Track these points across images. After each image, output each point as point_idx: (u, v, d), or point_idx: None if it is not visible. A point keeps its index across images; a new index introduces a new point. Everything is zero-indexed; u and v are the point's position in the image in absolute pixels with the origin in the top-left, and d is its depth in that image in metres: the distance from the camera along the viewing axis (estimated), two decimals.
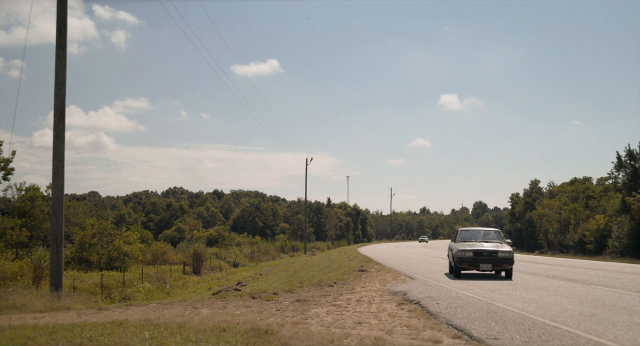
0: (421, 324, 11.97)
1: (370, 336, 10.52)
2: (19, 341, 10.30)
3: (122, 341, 9.99)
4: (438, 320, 12.55)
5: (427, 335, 10.71)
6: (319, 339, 10.22)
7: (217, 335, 10.47)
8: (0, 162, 27.32)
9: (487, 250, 22.16)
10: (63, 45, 19.70)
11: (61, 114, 19.45)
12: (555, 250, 67.41)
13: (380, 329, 11.46)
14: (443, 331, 11.08)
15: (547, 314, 12.94)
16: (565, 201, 71.59)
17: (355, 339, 10.33)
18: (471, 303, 14.95)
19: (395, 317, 13.03)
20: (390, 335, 10.77)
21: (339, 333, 10.91)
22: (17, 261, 35.50)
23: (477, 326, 11.54)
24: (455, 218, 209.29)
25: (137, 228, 68.09)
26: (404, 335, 10.77)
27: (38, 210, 61.04)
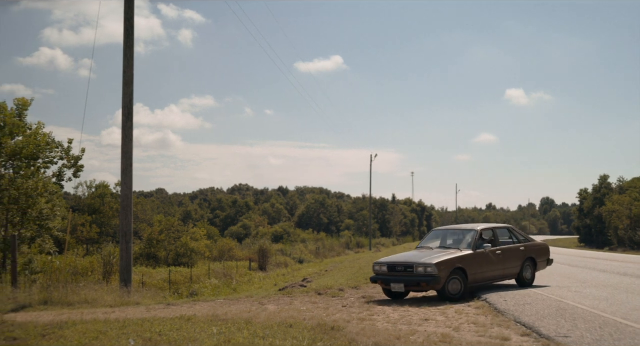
0: (488, 321, 11.83)
1: (437, 333, 10.44)
2: (90, 335, 10.50)
3: (190, 336, 10.11)
4: (506, 317, 12.39)
5: (495, 332, 10.58)
6: (385, 335, 10.18)
7: (283, 330, 10.51)
8: (71, 160, 27.81)
9: (402, 262, 15.66)
10: (130, 45, 20.00)
11: (129, 113, 19.75)
12: (625, 246, 65.95)
13: (447, 326, 11.37)
14: (511, 329, 10.93)
15: (619, 312, 12.66)
16: (636, 196, 69.92)
17: (421, 336, 10.26)
18: (539, 300, 14.72)
19: (462, 314, 12.91)
20: (457, 332, 10.67)
21: (406, 330, 10.86)
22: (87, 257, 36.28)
23: (546, 323, 11.36)
24: (522, 214, 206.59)
25: (203, 224, 68.82)
26: (471, 332, 10.66)
27: (107, 207, 62.27)
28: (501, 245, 17.02)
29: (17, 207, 25.94)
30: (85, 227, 56.99)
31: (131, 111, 19.74)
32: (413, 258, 15.97)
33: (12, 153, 26.12)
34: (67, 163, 27.74)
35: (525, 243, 17.73)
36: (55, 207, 27.62)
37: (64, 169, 27.95)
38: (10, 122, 26.17)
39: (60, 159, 27.73)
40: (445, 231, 17.92)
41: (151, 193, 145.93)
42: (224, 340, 9.70)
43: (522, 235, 18.12)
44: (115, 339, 10.12)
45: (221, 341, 9.62)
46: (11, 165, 26.70)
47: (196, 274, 38.60)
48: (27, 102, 27.19)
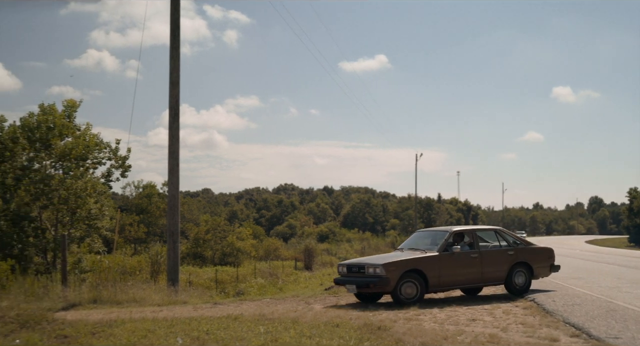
0: (537, 322, 11.72)
1: (485, 334, 10.36)
2: (139, 333, 10.62)
3: (237, 335, 10.16)
4: (554, 317, 12.25)
5: (544, 333, 10.47)
6: (432, 335, 10.13)
7: (330, 330, 10.52)
8: (118, 160, 28.15)
9: (356, 263, 15.60)
10: (176, 46, 20.16)
11: (175, 113, 19.91)
12: None
13: (494, 326, 11.29)
14: (560, 330, 10.81)
15: None
16: None
17: (469, 336, 10.19)
18: (589, 301, 14.53)
19: (510, 314, 12.80)
20: (505, 333, 10.59)
21: (453, 330, 10.80)
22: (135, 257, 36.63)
23: (596, 324, 11.21)
24: (569, 214, 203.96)
25: (249, 224, 69.20)
26: (520, 333, 10.56)
27: (154, 207, 62.91)
28: (483, 248, 16.07)
29: (66, 207, 26.32)
30: (133, 227, 57.64)
31: (178, 112, 19.90)
32: (368, 259, 15.93)
33: (61, 154, 26.52)
34: (115, 163, 28.10)
35: (516, 247, 16.33)
36: (103, 207, 27.97)
37: (113, 170, 28.32)
38: (59, 124, 26.57)
39: (109, 160, 28.09)
40: (426, 233, 17.47)
41: (197, 193, 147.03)
42: (271, 339, 9.73)
43: (515, 239, 16.80)
44: (164, 338, 10.22)
45: (268, 341, 9.66)
46: (61, 165, 27.11)
47: (242, 274, 38.78)
48: (75, 103, 27.58)
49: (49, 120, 26.48)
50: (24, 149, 26.62)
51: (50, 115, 26.72)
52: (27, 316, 12.57)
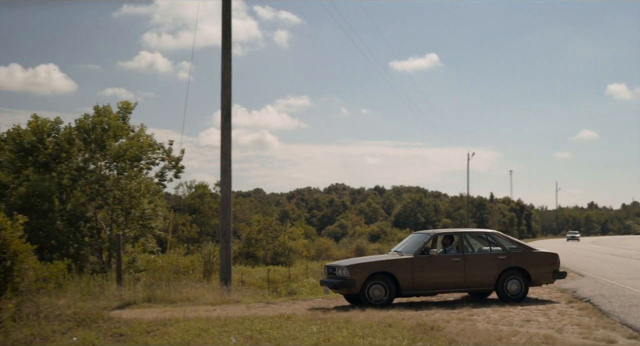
0: (593, 323, 11.54)
1: (540, 334, 10.25)
2: (193, 332, 10.73)
3: (290, 335, 10.21)
4: (611, 319, 12.06)
5: (600, 334, 10.31)
6: (486, 336, 10.06)
7: (383, 330, 10.51)
8: (172, 161, 28.48)
9: (333, 265, 15.73)
10: (228, 47, 20.29)
11: (227, 114, 20.04)
12: None
13: (549, 327, 11.15)
14: (617, 331, 10.64)
15: None
16: None
17: (523, 337, 10.09)
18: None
19: (565, 315, 12.63)
20: (561, 334, 10.45)
21: (507, 331, 10.70)
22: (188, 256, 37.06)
23: None
24: (625, 213, 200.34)
25: (300, 224, 69.34)
26: (575, 334, 10.42)
27: (207, 207, 63.44)
28: (470, 252, 15.51)
29: (121, 207, 26.71)
30: (186, 227, 58.20)
31: (230, 112, 20.03)
32: (341, 261, 16.09)
33: (116, 155, 26.92)
34: (168, 164, 28.43)
35: (510, 252, 15.44)
36: (157, 207, 28.32)
37: (166, 170, 28.67)
38: (114, 125, 26.97)
39: (162, 160, 28.44)
40: (417, 235, 16.90)
41: (249, 193, 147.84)
42: (323, 339, 9.76)
43: (512, 244, 15.84)
44: (217, 337, 10.31)
45: (321, 340, 9.68)
46: (115, 166, 27.53)
47: (294, 273, 38.91)
48: (130, 105, 27.95)
49: (103, 122, 26.90)
50: (80, 150, 27.08)
51: (105, 116, 27.13)
52: (83, 314, 12.78)
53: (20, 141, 26.73)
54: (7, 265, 12.47)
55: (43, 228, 25.03)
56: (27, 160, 26.91)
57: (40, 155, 26.76)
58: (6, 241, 12.51)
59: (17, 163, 27.11)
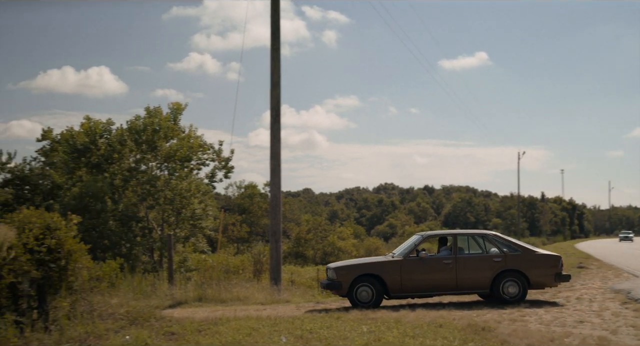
0: None
1: (593, 336, 10.10)
2: (244, 331, 10.79)
3: (341, 334, 10.22)
4: None
5: None
6: (538, 337, 9.94)
7: (433, 330, 10.46)
8: (222, 161, 28.70)
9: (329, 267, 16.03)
10: (277, 48, 20.37)
11: (276, 114, 20.12)
12: None
13: (603, 328, 10.98)
14: None
15: None
16: None
17: (577, 338, 9.95)
18: None
19: (620, 317, 12.41)
20: (615, 335, 10.28)
21: (560, 332, 10.56)
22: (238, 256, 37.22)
23: None
24: None
25: (350, 223, 69.41)
26: (630, 336, 10.25)
27: (256, 207, 63.78)
28: (463, 254, 15.27)
29: (172, 207, 26.98)
30: (235, 227, 58.58)
31: (279, 113, 20.11)
32: (335, 263, 16.15)
33: (167, 155, 27.21)
34: (218, 165, 28.64)
35: (507, 254, 15.11)
36: (207, 207, 28.55)
37: (216, 170, 28.88)
38: (165, 126, 27.25)
39: (212, 161, 28.67)
40: (416, 237, 16.53)
41: (298, 193, 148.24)
42: (374, 339, 9.74)
43: (510, 245, 15.45)
44: (268, 336, 10.36)
45: (371, 340, 9.67)
46: (166, 167, 27.82)
47: None
48: (181, 106, 28.21)
49: (154, 123, 27.19)
50: (131, 151, 27.43)
51: (156, 117, 27.42)
52: (136, 313, 12.96)
53: (73, 142, 27.15)
54: (62, 265, 12.68)
55: (96, 228, 25.40)
56: (80, 161, 27.33)
57: (93, 156, 27.16)
58: (61, 241, 12.73)
59: (70, 164, 27.56)
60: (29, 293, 12.14)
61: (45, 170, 29.12)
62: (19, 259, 11.77)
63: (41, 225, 12.67)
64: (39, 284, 12.33)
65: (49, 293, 12.51)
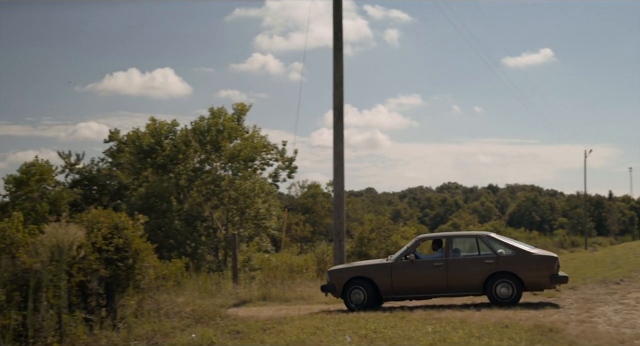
0: None
1: None
2: (308, 331, 10.83)
3: (405, 334, 10.17)
4: None
5: None
6: (607, 339, 9.75)
7: (499, 331, 10.34)
8: (285, 161, 28.85)
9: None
10: (339, 47, 20.39)
11: (339, 114, 20.13)
12: None
13: None
14: None
15: None
16: None
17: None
18: None
19: None
20: None
21: (630, 333, 10.32)
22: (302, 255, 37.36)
23: None
24: None
25: (413, 223, 69.03)
26: None
27: (319, 207, 63.89)
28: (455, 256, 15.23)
29: (236, 207, 27.22)
30: (299, 226, 58.76)
31: (342, 112, 20.11)
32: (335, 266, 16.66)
33: (231, 155, 27.46)
34: (282, 165, 28.79)
35: (499, 256, 14.90)
36: (271, 206, 28.71)
37: (280, 170, 29.04)
38: (228, 126, 27.51)
39: (276, 161, 28.83)
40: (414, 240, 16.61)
41: (361, 193, 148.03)
42: (439, 339, 9.68)
43: (505, 247, 15.18)
44: (332, 335, 10.37)
45: (437, 340, 9.61)
46: (230, 167, 28.07)
47: None
48: (245, 107, 28.45)
49: (218, 123, 27.47)
50: (196, 151, 27.76)
51: (220, 118, 27.69)
52: (201, 312, 13.11)
53: (139, 143, 27.60)
54: (129, 263, 12.91)
55: (162, 227, 25.77)
56: (146, 162, 27.77)
57: (159, 156, 27.56)
58: (128, 240, 12.95)
59: (136, 165, 28.03)
60: (98, 291, 12.40)
61: (113, 170, 29.67)
62: (88, 258, 12.02)
63: (109, 225, 12.92)
64: (107, 282, 12.58)
65: (117, 291, 12.76)
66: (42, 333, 10.66)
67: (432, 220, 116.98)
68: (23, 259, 11.51)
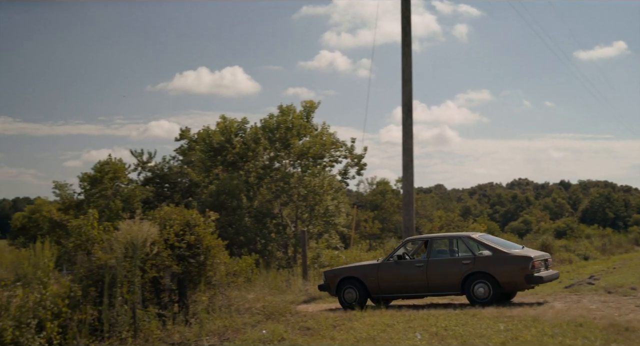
0: None
1: None
2: (378, 327, 10.84)
3: (477, 332, 10.08)
4: None
5: None
6: None
7: (573, 329, 10.16)
8: (354, 158, 28.86)
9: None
10: (408, 43, 20.30)
11: (408, 110, 20.06)
12: None
13: None
14: None
15: None
16: None
17: None
18: None
19: None
20: None
21: None
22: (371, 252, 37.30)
23: None
24: None
25: (483, 220, 68.21)
26: None
27: (388, 203, 63.68)
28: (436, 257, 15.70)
29: (305, 204, 27.33)
30: (368, 223, 58.68)
31: (411, 108, 20.04)
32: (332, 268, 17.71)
33: (300, 153, 27.58)
34: (351, 162, 28.80)
35: (476, 257, 15.06)
36: (340, 204, 28.75)
37: (348, 167, 29.05)
38: (297, 124, 27.63)
39: (345, 158, 28.85)
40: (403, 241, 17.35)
41: (430, 189, 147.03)
42: (511, 337, 9.57)
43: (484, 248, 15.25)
44: (403, 332, 10.35)
45: (509, 338, 9.50)
46: (299, 164, 28.20)
47: None
48: (314, 104, 28.54)
49: (287, 121, 27.61)
50: (265, 149, 27.96)
51: (288, 115, 27.84)
52: (272, 308, 13.22)
53: (209, 141, 27.93)
54: (201, 260, 13.07)
55: (232, 224, 26.04)
56: (216, 160, 28.10)
57: (229, 154, 27.85)
58: (199, 237, 13.13)
59: (207, 163, 28.38)
60: (171, 287, 12.60)
61: (184, 168, 30.10)
62: (161, 254, 12.21)
63: (181, 222, 13.11)
64: (179, 279, 12.77)
65: (188, 287, 12.94)
66: (116, 327, 10.88)
67: (503, 216, 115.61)
68: (98, 255, 11.76)
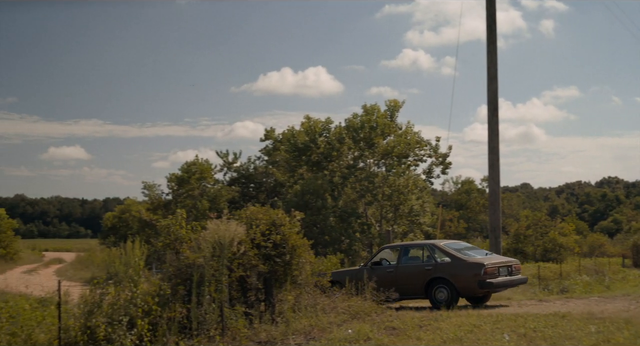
0: None
1: None
2: (465, 328, 10.76)
3: (567, 334, 9.90)
4: None
5: None
6: None
7: None
8: (439, 157, 28.67)
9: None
10: (493, 40, 20.08)
11: (494, 108, 19.84)
12: None
13: None
14: None
15: None
16: None
17: None
18: None
19: None
20: None
21: None
22: None
23: None
24: None
25: (571, 219, 66.91)
26: None
27: (474, 203, 63.18)
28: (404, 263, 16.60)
29: (390, 203, 27.30)
30: (453, 222, 58.31)
31: (496, 106, 19.81)
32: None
33: (384, 152, 27.56)
34: (435, 161, 28.64)
35: (437, 263, 15.78)
36: (425, 203, 28.63)
37: (433, 167, 28.89)
38: (381, 123, 27.62)
39: (429, 157, 28.70)
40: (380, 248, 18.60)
41: (516, 188, 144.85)
42: (603, 340, 9.36)
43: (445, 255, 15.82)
44: (490, 333, 10.24)
45: (600, 341, 9.31)
46: (383, 163, 28.18)
47: (565, 270, 37.54)
48: (398, 103, 28.49)
49: (371, 120, 27.62)
50: (350, 149, 28.03)
51: (372, 115, 27.84)
52: (357, 307, 13.25)
53: (294, 141, 28.16)
54: (287, 259, 13.18)
55: (317, 224, 26.19)
56: (300, 160, 28.31)
57: (313, 154, 28.02)
58: (285, 236, 13.24)
59: (292, 163, 28.62)
60: (257, 286, 12.74)
61: (269, 168, 30.42)
62: (247, 254, 12.36)
63: (267, 222, 13.25)
64: (265, 278, 12.89)
65: (274, 286, 13.06)
66: (205, 325, 11.08)
67: (592, 216, 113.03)
68: (187, 254, 12.00)
